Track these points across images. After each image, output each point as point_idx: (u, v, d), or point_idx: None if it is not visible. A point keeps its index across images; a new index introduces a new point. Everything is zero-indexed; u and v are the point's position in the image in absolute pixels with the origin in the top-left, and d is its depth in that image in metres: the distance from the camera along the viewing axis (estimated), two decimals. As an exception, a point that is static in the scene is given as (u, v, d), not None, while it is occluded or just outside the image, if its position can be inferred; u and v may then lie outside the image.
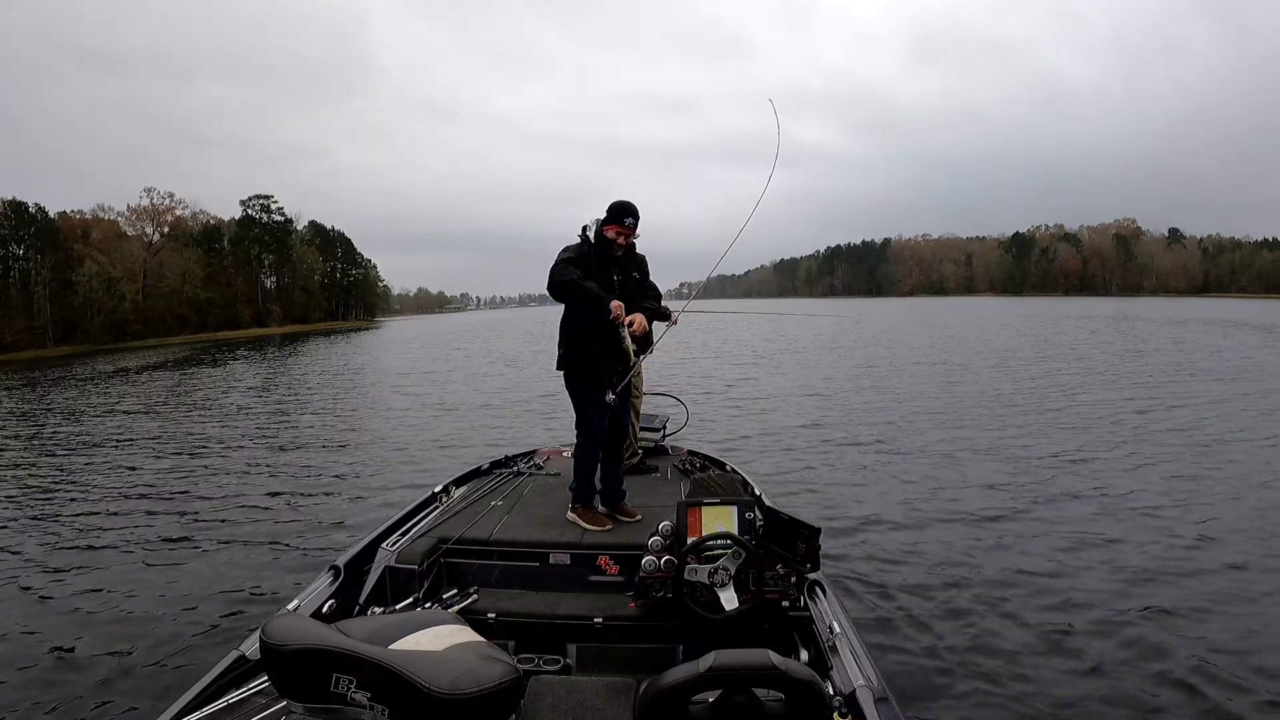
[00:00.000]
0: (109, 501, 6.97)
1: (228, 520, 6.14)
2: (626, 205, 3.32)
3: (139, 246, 62.89)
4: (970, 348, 21.34)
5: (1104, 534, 5.04)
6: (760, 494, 3.62)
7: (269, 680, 1.57)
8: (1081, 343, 22.75)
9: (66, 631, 3.97)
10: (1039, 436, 8.53)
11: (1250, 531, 5.04)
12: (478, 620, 2.55)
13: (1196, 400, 10.82)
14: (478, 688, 1.38)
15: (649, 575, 2.57)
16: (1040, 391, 12.20)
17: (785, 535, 2.53)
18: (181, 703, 1.89)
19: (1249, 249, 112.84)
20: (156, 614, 4.17)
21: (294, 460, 8.73)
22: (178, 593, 4.50)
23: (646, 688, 1.43)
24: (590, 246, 3.33)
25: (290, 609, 2.50)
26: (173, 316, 61.90)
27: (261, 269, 76.04)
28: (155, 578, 4.79)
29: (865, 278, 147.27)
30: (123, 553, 5.36)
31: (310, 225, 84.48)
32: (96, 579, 4.79)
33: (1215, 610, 3.84)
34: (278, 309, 74.78)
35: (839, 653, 2.16)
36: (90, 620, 4.13)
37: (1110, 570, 4.40)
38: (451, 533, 3.11)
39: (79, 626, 4.04)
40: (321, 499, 6.78)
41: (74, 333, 54.70)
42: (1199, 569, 4.40)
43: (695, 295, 4.37)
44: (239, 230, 74.24)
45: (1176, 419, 9.33)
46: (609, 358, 3.30)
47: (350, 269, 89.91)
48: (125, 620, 4.11)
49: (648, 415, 4.72)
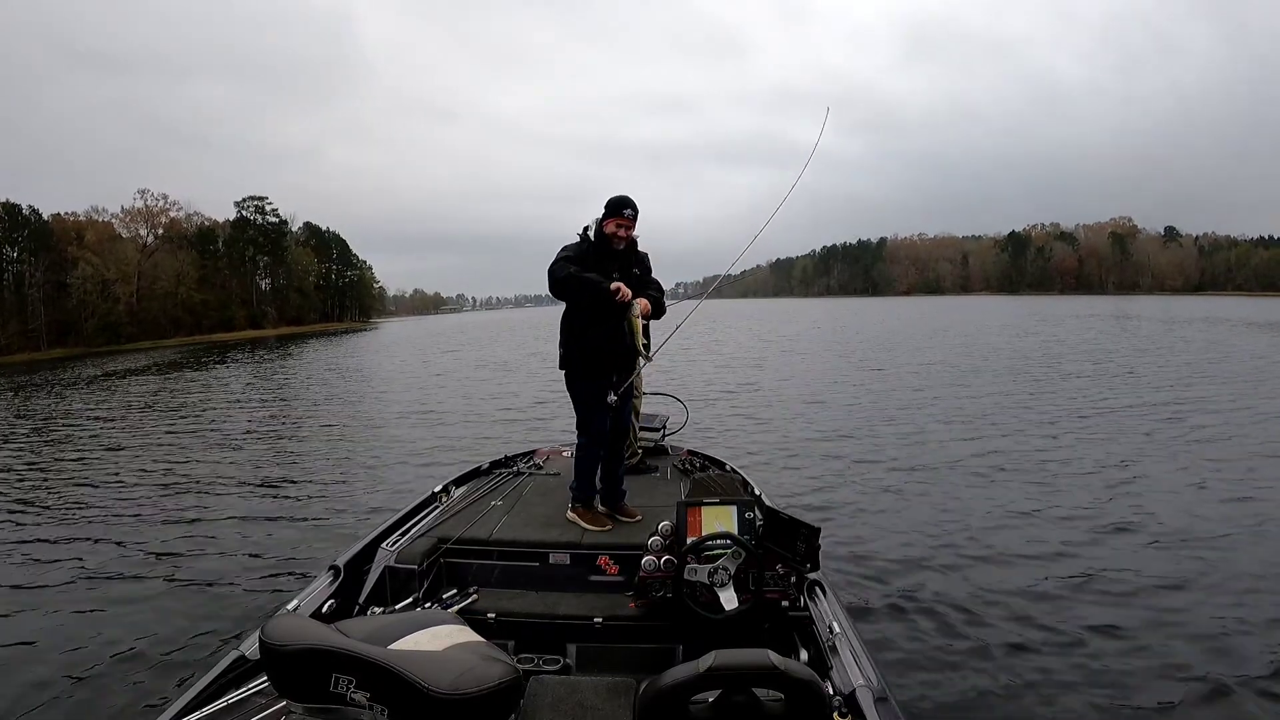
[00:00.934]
0: (107, 502, 6.94)
1: (227, 520, 6.13)
2: (624, 198, 3.31)
3: (133, 248, 62.73)
4: (973, 348, 21.32)
5: (1105, 534, 5.05)
6: (760, 494, 3.62)
7: (269, 680, 1.57)
8: (1091, 341, 22.55)
9: (66, 632, 3.96)
10: (1039, 436, 8.54)
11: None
12: (478, 620, 2.54)
13: (1218, 403, 10.43)
14: (478, 688, 1.38)
15: (649, 575, 2.57)
16: (1040, 392, 12.23)
17: (785, 535, 2.52)
18: (181, 703, 1.88)
19: (1245, 247, 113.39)
20: (156, 614, 4.15)
21: (293, 460, 8.71)
22: (177, 592, 4.49)
23: (646, 688, 1.43)
24: (589, 245, 3.32)
25: (290, 609, 2.50)
26: (167, 319, 61.73)
27: (256, 270, 75.89)
28: (155, 578, 4.77)
29: (861, 277, 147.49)
30: (122, 553, 5.34)
31: (305, 226, 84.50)
32: (96, 579, 4.78)
33: (1230, 617, 3.76)
34: (273, 311, 74.61)
35: (839, 652, 2.16)
36: (89, 621, 4.11)
37: (1112, 572, 4.39)
38: (451, 533, 3.10)
39: (78, 627, 4.03)
40: (321, 499, 6.77)
41: (68, 335, 54.45)
42: (1205, 572, 4.34)
43: (709, 294, 4.40)
44: (233, 232, 74.10)
45: (1203, 424, 9.06)
46: (612, 351, 3.29)
47: (346, 270, 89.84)
48: (125, 620, 4.09)
49: (648, 415, 4.71)
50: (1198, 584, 4.18)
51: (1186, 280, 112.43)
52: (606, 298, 3.18)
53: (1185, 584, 4.17)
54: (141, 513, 6.49)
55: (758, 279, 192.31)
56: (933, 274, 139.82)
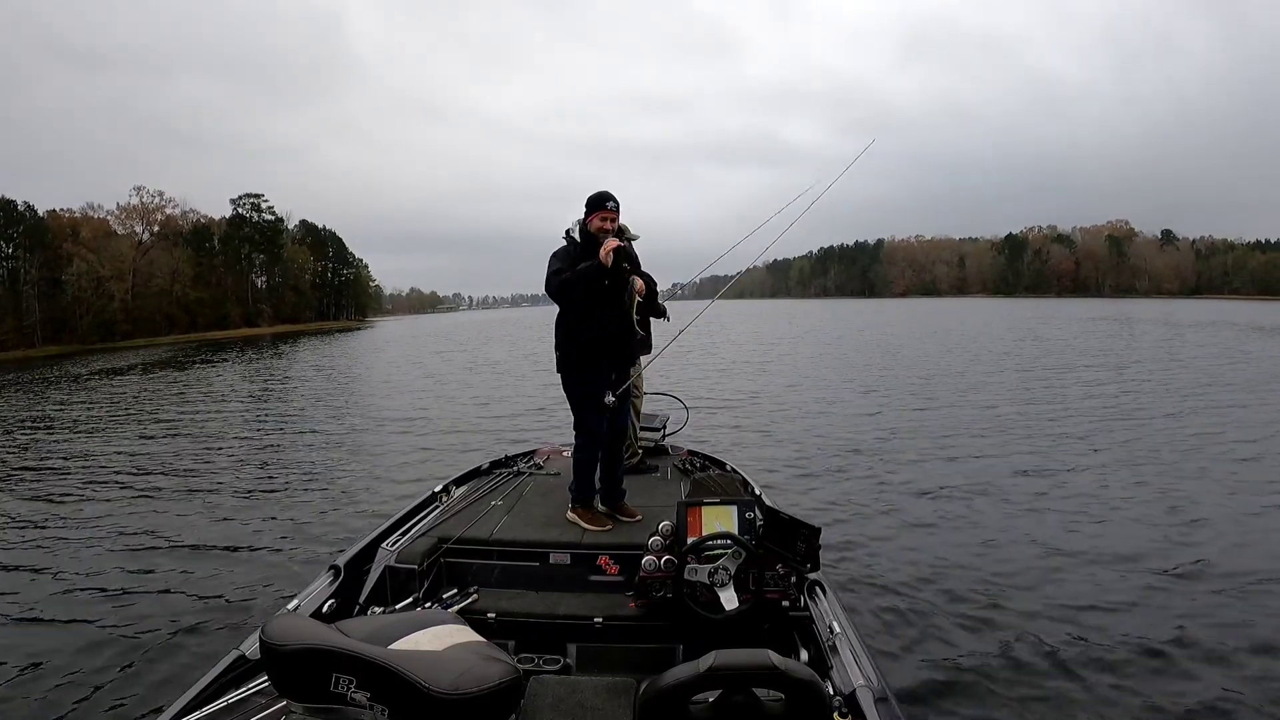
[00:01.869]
0: (105, 502, 6.91)
1: (227, 520, 6.12)
2: (605, 192, 3.33)
3: (128, 245, 62.40)
4: (980, 351, 21.35)
5: (1106, 534, 5.06)
6: (760, 494, 3.62)
7: (269, 680, 1.56)
8: (1106, 347, 22.12)
9: (66, 632, 3.96)
10: (1039, 435, 8.56)
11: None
12: (478, 620, 2.54)
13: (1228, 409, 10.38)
14: (478, 687, 1.38)
15: (649, 575, 2.57)
16: (1041, 393, 12.26)
17: (785, 535, 2.52)
18: (181, 702, 1.88)
19: (1242, 251, 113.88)
20: (156, 614, 4.15)
21: (293, 461, 8.69)
22: (177, 592, 4.48)
23: (646, 688, 1.43)
24: (576, 246, 3.33)
25: (290, 609, 2.49)
26: (162, 316, 61.44)
27: (252, 269, 75.62)
28: (155, 578, 4.76)
29: (858, 279, 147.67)
30: (121, 553, 5.32)
31: (301, 224, 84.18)
32: (95, 579, 4.76)
33: (1222, 618, 3.78)
34: (268, 309, 74.38)
35: (839, 653, 2.15)
36: (89, 621, 4.10)
37: (1114, 572, 4.40)
38: (451, 532, 3.10)
39: (78, 627, 4.02)
40: (321, 499, 6.75)
41: (63, 332, 54.21)
42: (1214, 574, 4.35)
43: (721, 294, 4.55)
44: (229, 229, 73.79)
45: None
46: (608, 343, 3.30)
47: (342, 268, 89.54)
48: (125, 620, 4.09)
49: (648, 415, 4.71)
50: (1204, 575, 4.24)
51: (1183, 283, 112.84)
52: (601, 276, 3.19)
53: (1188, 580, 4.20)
54: (139, 512, 6.46)
55: (754, 279, 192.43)
56: (929, 276, 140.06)
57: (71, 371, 27.21)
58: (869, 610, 3.90)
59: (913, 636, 3.63)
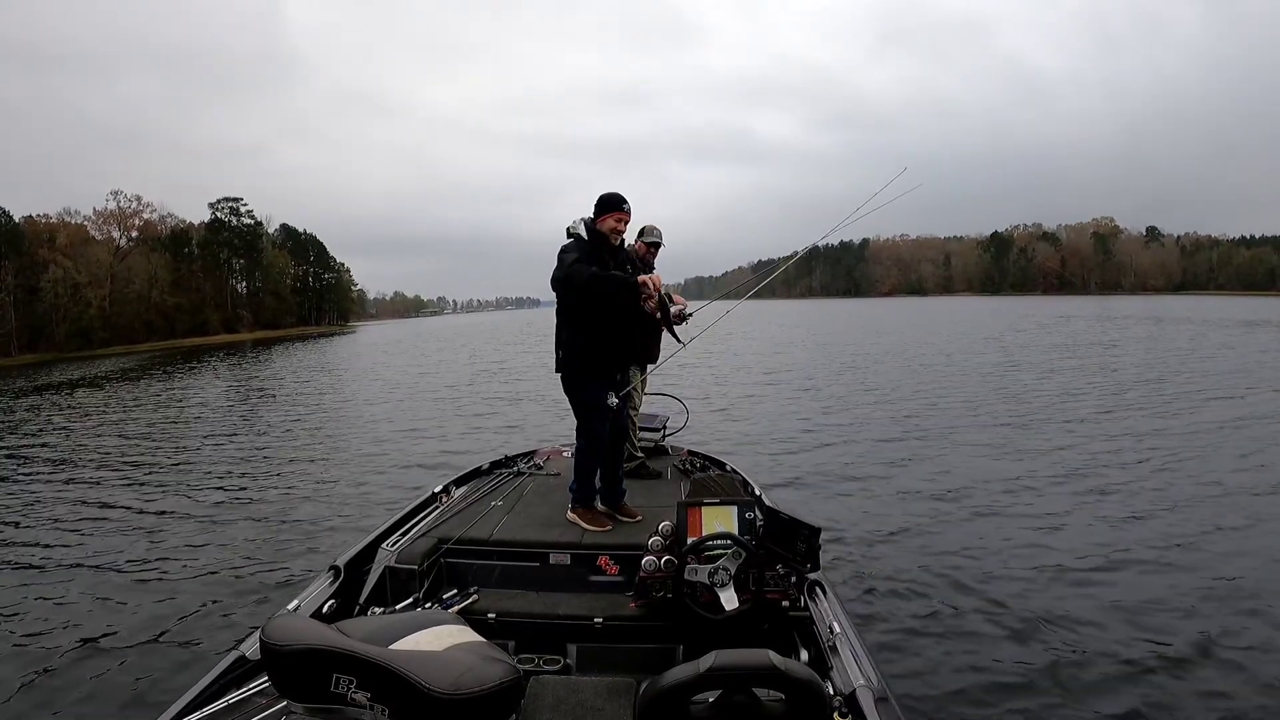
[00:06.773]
0: (103, 505, 6.88)
1: (227, 520, 6.11)
2: (617, 194, 3.31)
3: (105, 251, 61.33)
4: (976, 348, 21.54)
5: (1106, 534, 5.09)
6: (760, 494, 3.62)
7: (269, 680, 1.56)
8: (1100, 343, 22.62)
9: (66, 633, 3.96)
10: (1039, 435, 8.62)
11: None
12: (478, 620, 2.53)
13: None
14: (478, 688, 1.38)
15: (649, 575, 2.56)
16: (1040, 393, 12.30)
17: (785, 535, 2.52)
18: (181, 703, 1.88)
19: (1226, 247, 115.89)
20: (156, 614, 4.16)
21: (292, 461, 8.67)
22: (178, 593, 4.48)
23: (646, 688, 1.43)
24: (585, 242, 3.28)
25: (290, 609, 2.49)
26: (140, 323, 60.48)
27: (231, 274, 74.53)
28: (155, 578, 4.76)
29: (844, 278, 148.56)
30: (121, 554, 5.31)
31: (281, 228, 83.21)
32: (95, 578, 4.78)
33: (1220, 621, 3.77)
34: (248, 314, 73.33)
35: (839, 653, 2.16)
36: (89, 622, 4.10)
37: (1114, 572, 4.42)
38: (451, 533, 3.09)
39: (78, 628, 4.01)
40: (321, 500, 6.75)
41: (39, 340, 53.24)
42: (1218, 577, 4.35)
43: (748, 295, 4.42)
44: (208, 234, 72.64)
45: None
46: (620, 349, 3.28)
47: (323, 273, 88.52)
48: (125, 621, 4.09)
49: (648, 415, 4.72)
50: (1205, 575, 4.28)
51: (1169, 280, 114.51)
52: (622, 295, 3.12)
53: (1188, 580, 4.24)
54: (138, 514, 6.44)
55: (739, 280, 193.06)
56: (915, 275, 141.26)
57: (53, 381, 26.74)
58: (869, 610, 3.91)
59: (913, 637, 3.64)
